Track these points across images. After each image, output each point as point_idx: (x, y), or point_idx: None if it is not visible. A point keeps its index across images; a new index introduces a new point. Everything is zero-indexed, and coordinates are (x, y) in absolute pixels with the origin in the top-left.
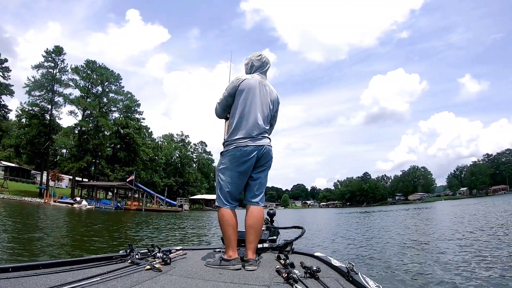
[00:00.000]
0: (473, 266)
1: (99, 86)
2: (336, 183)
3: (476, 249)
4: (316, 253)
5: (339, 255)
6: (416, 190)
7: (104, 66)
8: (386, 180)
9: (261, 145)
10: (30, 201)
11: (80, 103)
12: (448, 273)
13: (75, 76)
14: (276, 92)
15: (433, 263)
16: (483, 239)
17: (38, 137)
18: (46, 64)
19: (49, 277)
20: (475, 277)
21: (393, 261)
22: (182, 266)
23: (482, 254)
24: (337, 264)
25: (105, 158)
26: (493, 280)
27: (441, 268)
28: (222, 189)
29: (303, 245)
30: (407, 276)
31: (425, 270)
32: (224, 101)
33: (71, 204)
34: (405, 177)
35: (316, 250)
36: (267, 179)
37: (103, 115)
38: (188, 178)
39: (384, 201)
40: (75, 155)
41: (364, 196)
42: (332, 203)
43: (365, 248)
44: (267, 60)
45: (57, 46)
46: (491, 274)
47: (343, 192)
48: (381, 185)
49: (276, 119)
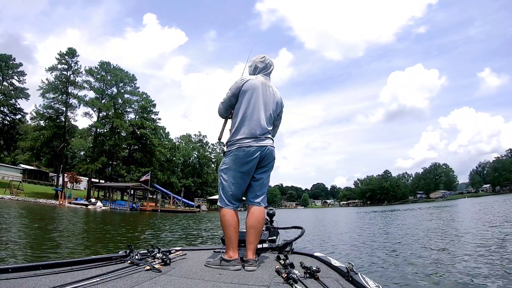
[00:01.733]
0: (487, 273)
1: (114, 87)
2: (356, 182)
3: (494, 251)
4: (315, 253)
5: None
6: (438, 188)
7: (118, 67)
8: (407, 178)
9: (264, 145)
10: (45, 203)
11: (94, 105)
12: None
13: (90, 77)
14: (280, 94)
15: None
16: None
17: (53, 139)
18: (59, 66)
19: (48, 278)
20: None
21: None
22: (181, 266)
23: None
24: (336, 264)
25: (121, 159)
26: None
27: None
28: (224, 189)
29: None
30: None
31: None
32: (228, 101)
33: (85, 205)
34: (427, 175)
35: (316, 250)
36: (269, 179)
37: (118, 116)
38: (206, 179)
39: (405, 200)
40: (90, 156)
41: (385, 195)
42: (353, 202)
43: (397, 261)
44: (271, 62)
45: (70, 48)
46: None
47: (364, 190)
48: (402, 183)
49: (280, 121)
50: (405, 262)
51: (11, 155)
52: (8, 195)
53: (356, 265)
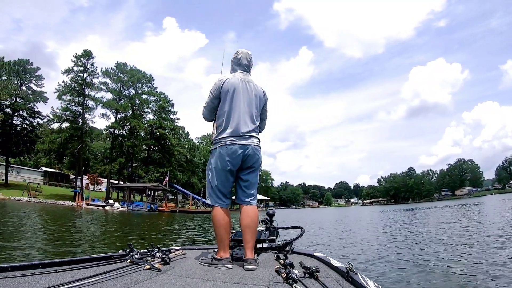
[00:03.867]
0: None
1: (131, 88)
2: (380, 179)
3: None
4: (315, 253)
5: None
6: (463, 185)
7: (135, 67)
8: (431, 175)
9: (248, 144)
10: (62, 205)
11: (111, 106)
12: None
13: (106, 79)
14: (261, 87)
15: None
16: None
17: (71, 141)
18: (75, 68)
19: (48, 277)
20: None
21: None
22: (181, 266)
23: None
24: (336, 264)
25: (140, 160)
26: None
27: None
28: (211, 187)
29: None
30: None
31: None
32: (210, 104)
33: (102, 206)
34: (452, 171)
35: (315, 250)
36: (258, 178)
37: (136, 116)
38: None
39: (430, 197)
40: (108, 157)
41: (409, 193)
42: (376, 201)
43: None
44: (246, 55)
45: (86, 50)
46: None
47: (388, 188)
48: (426, 180)
49: (267, 114)
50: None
51: (34, 158)
52: (25, 197)
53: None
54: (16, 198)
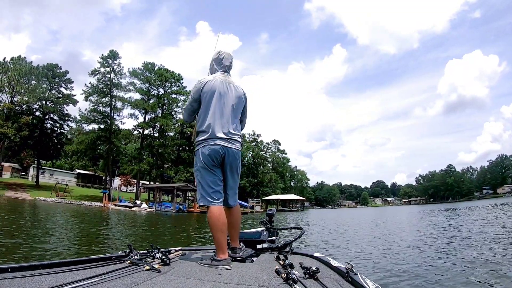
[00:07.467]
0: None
1: (160, 88)
2: (418, 178)
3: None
4: (315, 254)
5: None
6: (505, 182)
7: (163, 67)
8: (471, 172)
9: (228, 146)
10: (89, 205)
11: (139, 106)
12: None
13: (134, 79)
14: (241, 88)
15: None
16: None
17: (98, 142)
18: (102, 69)
19: (48, 278)
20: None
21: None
22: (181, 266)
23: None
24: (336, 264)
25: (170, 160)
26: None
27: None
28: (201, 187)
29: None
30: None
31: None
32: (189, 106)
33: (129, 207)
34: (493, 168)
35: (315, 250)
36: (239, 179)
37: (165, 116)
38: (262, 179)
39: (470, 196)
40: (136, 157)
41: (449, 191)
42: (414, 200)
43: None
44: (226, 55)
45: (112, 50)
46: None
47: (426, 187)
48: (467, 178)
49: (246, 115)
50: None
51: (68, 161)
52: (53, 197)
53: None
54: (42, 198)
